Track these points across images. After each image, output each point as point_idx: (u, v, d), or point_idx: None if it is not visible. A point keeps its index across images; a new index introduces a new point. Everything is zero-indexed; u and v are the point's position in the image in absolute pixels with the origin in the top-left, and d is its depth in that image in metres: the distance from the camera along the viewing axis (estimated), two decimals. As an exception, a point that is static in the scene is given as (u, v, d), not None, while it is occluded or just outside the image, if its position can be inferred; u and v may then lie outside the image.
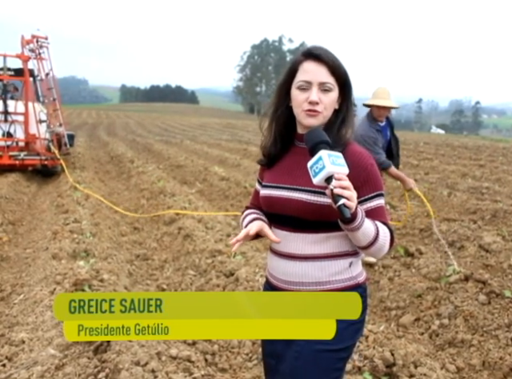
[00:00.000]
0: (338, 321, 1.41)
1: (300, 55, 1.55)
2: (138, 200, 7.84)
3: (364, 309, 1.58)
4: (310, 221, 1.50)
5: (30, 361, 2.92)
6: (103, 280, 3.86)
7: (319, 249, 1.52)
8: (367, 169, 1.51)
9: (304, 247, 1.53)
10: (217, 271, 4.25)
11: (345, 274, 1.55)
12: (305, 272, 1.53)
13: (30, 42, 10.12)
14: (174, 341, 3.19)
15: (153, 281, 4.52)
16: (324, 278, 1.52)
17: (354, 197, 1.34)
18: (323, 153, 1.36)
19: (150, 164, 11.54)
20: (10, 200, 7.64)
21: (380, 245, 1.47)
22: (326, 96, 1.50)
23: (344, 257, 1.55)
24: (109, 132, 26.83)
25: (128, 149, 15.26)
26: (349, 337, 1.54)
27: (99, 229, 5.59)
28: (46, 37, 10.33)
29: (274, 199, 1.57)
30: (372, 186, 1.51)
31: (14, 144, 9.93)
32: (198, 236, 5.12)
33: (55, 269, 4.25)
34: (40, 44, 10.17)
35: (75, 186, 8.15)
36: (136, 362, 2.67)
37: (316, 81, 1.49)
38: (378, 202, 1.53)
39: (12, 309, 3.85)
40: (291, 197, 1.52)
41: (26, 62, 10.12)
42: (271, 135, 1.64)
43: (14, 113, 10.06)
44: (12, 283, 4.45)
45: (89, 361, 2.84)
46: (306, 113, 1.50)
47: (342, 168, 1.36)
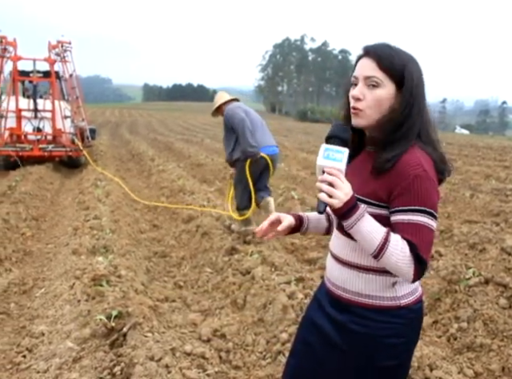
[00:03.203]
0: (388, 337, 1.43)
1: (360, 53, 1.47)
2: (157, 198, 7.91)
3: (415, 330, 1.51)
4: None
5: (49, 353, 2.98)
6: (121, 276, 3.91)
7: (361, 259, 1.45)
8: (408, 179, 1.33)
9: (345, 251, 1.48)
10: (233, 269, 4.26)
11: (387, 293, 1.44)
12: (348, 279, 1.48)
13: (56, 47, 11.27)
14: (189, 338, 3.22)
15: (170, 277, 4.56)
16: (365, 291, 1.45)
17: (335, 194, 1.27)
18: (322, 147, 1.34)
19: (171, 162, 11.63)
20: (33, 196, 7.81)
21: (390, 260, 1.31)
22: (370, 92, 1.38)
23: (384, 274, 1.43)
24: (131, 130, 27.16)
25: (149, 148, 15.41)
26: (401, 353, 1.48)
27: (119, 226, 5.67)
28: (70, 42, 11.43)
29: None
30: (410, 199, 1.33)
31: (43, 138, 11.04)
32: (216, 234, 5.14)
33: (75, 264, 4.33)
34: (64, 48, 11.31)
35: (101, 172, 9.19)
36: (150, 357, 2.70)
37: (361, 75, 1.39)
38: (414, 218, 1.33)
39: (33, 302, 3.93)
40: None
41: (53, 65, 11.24)
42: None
43: (42, 110, 11.13)
44: (34, 277, 4.55)
45: (105, 355, 2.89)
46: (352, 112, 1.42)
47: (335, 163, 1.30)
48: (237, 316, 3.58)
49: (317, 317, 1.58)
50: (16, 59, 10.90)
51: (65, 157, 11.19)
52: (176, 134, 23.46)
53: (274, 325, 3.26)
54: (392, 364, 1.46)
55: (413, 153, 1.36)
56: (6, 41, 10.76)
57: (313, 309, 1.63)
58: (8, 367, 3.01)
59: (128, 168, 12.03)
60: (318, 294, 1.64)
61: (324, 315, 1.55)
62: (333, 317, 1.51)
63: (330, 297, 1.55)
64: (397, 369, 1.49)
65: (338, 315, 1.50)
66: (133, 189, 8.66)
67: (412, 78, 1.38)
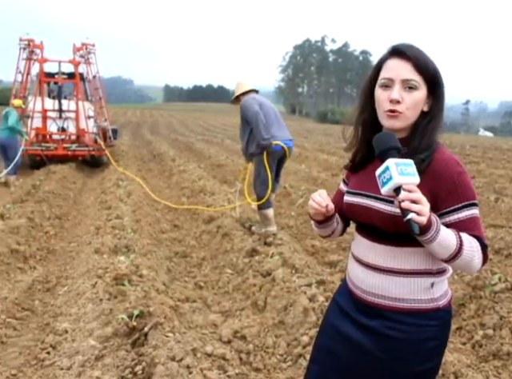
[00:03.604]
0: (426, 340, 1.41)
1: (386, 53, 1.45)
2: (178, 198, 7.96)
3: (449, 331, 1.51)
4: (392, 233, 1.41)
5: (72, 351, 3.02)
6: (142, 275, 3.94)
7: (400, 263, 1.43)
8: (453, 177, 1.37)
9: (385, 259, 1.45)
10: (254, 270, 4.26)
11: (425, 295, 1.43)
12: (383, 285, 1.45)
13: (80, 49, 11.65)
14: (210, 339, 3.23)
15: (191, 278, 4.57)
16: (402, 295, 1.43)
17: (424, 211, 1.23)
18: (390, 162, 1.26)
19: (191, 163, 11.69)
20: (57, 195, 7.95)
21: (465, 259, 1.33)
22: (409, 95, 1.38)
23: (425, 276, 1.43)
24: (152, 131, 27.42)
25: (170, 148, 15.52)
26: (437, 355, 1.48)
27: (140, 226, 5.72)
28: (94, 45, 11.80)
29: (357, 207, 1.50)
30: (460, 196, 1.37)
31: (67, 137, 11.38)
32: (236, 235, 5.15)
33: (97, 263, 4.38)
34: (88, 50, 11.68)
35: (123, 172, 9.33)
36: (172, 357, 2.70)
37: (398, 78, 1.38)
38: (469, 213, 1.38)
39: (57, 299, 3.99)
40: (373, 206, 1.44)
41: (77, 67, 11.58)
42: (358, 140, 1.55)
43: (67, 110, 11.43)
44: (57, 275, 4.62)
45: (127, 354, 2.91)
46: (387, 114, 1.40)
47: (411, 178, 1.24)
48: (257, 317, 3.57)
49: (341, 324, 1.55)
50: (42, 61, 11.23)
51: (88, 156, 11.50)
52: (196, 135, 23.61)
53: (294, 328, 3.24)
54: (428, 367, 1.45)
55: (442, 152, 1.41)
56: (33, 44, 11.12)
57: (335, 317, 1.60)
58: (33, 363, 3.06)
59: (149, 168, 12.15)
60: (340, 301, 1.61)
61: (351, 322, 1.52)
62: (363, 324, 1.49)
63: (359, 304, 1.52)
64: (432, 371, 1.49)
65: (369, 321, 1.47)
66: (154, 189, 8.74)
67: (443, 82, 1.43)
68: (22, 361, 3.11)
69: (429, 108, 1.43)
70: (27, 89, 11.67)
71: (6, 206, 6.53)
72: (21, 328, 3.57)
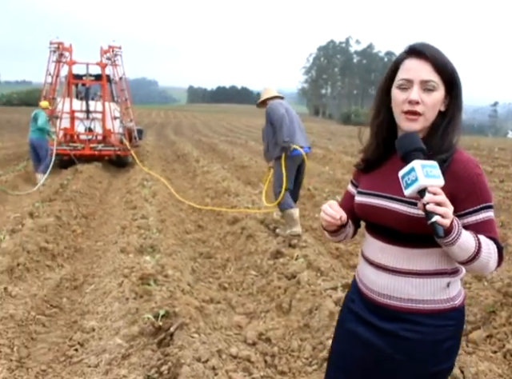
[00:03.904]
0: (444, 341, 1.41)
1: (402, 52, 1.43)
2: (202, 199, 8.00)
3: (462, 332, 1.50)
4: (407, 234, 1.40)
5: (99, 349, 3.06)
6: (168, 275, 3.97)
7: (415, 264, 1.41)
8: (472, 179, 1.37)
9: (399, 261, 1.43)
10: (278, 273, 4.24)
11: (441, 295, 1.42)
12: (398, 287, 1.43)
13: (107, 52, 11.91)
14: (235, 340, 3.22)
15: (215, 279, 4.58)
16: (418, 296, 1.42)
17: (448, 214, 1.22)
18: (416, 164, 1.25)
19: (215, 164, 11.75)
20: (83, 194, 8.08)
21: (482, 262, 1.33)
22: (428, 96, 1.36)
23: (441, 276, 1.42)
24: (176, 131, 27.66)
25: (194, 149, 15.63)
26: (453, 355, 1.48)
27: (165, 226, 5.76)
28: (120, 47, 12.07)
29: (370, 207, 1.48)
30: (478, 198, 1.37)
31: (94, 137, 11.62)
32: (261, 237, 5.14)
33: (123, 262, 4.43)
34: (115, 52, 11.96)
35: (148, 172, 9.54)
36: (197, 358, 2.71)
37: (417, 79, 1.36)
38: (486, 215, 1.38)
39: (84, 297, 4.05)
40: (388, 207, 1.42)
41: (104, 69, 11.80)
42: (373, 140, 1.54)
43: (94, 111, 11.68)
44: (84, 273, 4.69)
45: (153, 353, 2.93)
46: (406, 116, 1.39)
47: (436, 180, 1.24)
48: (282, 320, 3.55)
49: (358, 329, 1.53)
50: (71, 63, 11.54)
51: (113, 156, 11.75)
52: (220, 136, 23.72)
53: (320, 331, 3.21)
54: (446, 367, 1.46)
55: (460, 153, 1.41)
56: (62, 47, 11.44)
57: (350, 322, 1.58)
58: (61, 359, 3.11)
59: (173, 168, 12.25)
60: (352, 306, 1.59)
61: (367, 327, 1.51)
62: (379, 327, 1.47)
63: (374, 307, 1.50)
64: (447, 371, 1.49)
65: (385, 324, 1.45)
66: (178, 189, 8.81)
67: (460, 81, 1.42)
68: (50, 357, 3.16)
69: (445, 108, 1.42)
70: (56, 90, 11.95)
71: (35, 205, 6.66)
72: (49, 324, 3.64)
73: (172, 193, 8.12)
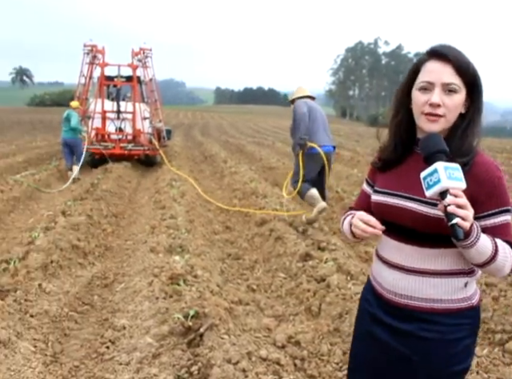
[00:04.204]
0: (461, 339, 1.42)
1: (424, 54, 1.44)
2: (230, 199, 8.02)
3: (477, 332, 1.49)
4: (426, 234, 1.40)
5: (130, 347, 3.09)
6: (197, 276, 3.99)
7: (433, 264, 1.42)
8: (494, 182, 1.37)
9: (417, 261, 1.43)
10: (307, 275, 4.21)
11: (459, 294, 1.43)
12: (416, 287, 1.44)
13: (138, 54, 12.14)
14: (264, 343, 3.21)
15: (243, 280, 4.58)
16: (436, 296, 1.42)
17: (469, 217, 1.23)
18: (439, 166, 1.26)
19: (242, 165, 11.76)
20: (113, 194, 8.20)
21: (498, 265, 1.34)
22: (449, 98, 1.37)
23: (459, 276, 1.43)
24: (203, 132, 27.85)
25: (221, 150, 15.70)
26: (470, 354, 1.48)
27: (193, 226, 5.80)
28: (150, 49, 12.28)
29: (388, 207, 1.49)
30: (498, 201, 1.38)
31: (124, 137, 11.92)
32: (290, 239, 5.11)
33: (153, 261, 4.48)
34: (145, 54, 12.18)
35: (176, 173, 9.73)
36: (228, 360, 2.71)
37: (439, 81, 1.37)
38: (504, 219, 1.39)
39: (114, 296, 4.11)
40: (407, 206, 1.42)
41: (135, 70, 12.06)
42: (391, 140, 1.55)
43: (124, 112, 11.94)
44: (115, 272, 4.76)
45: (183, 353, 2.94)
46: (426, 118, 1.39)
47: (458, 183, 1.25)
48: (311, 324, 3.52)
49: (376, 331, 1.53)
50: (103, 65, 11.83)
51: (142, 155, 11.99)
52: (247, 137, 23.76)
53: (350, 336, 3.16)
54: (464, 366, 1.45)
55: (481, 155, 1.41)
56: (96, 49, 11.74)
57: (368, 324, 1.58)
58: (93, 356, 3.16)
59: (201, 169, 12.33)
60: (369, 308, 1.59)
61: (383, 327, 1.51)
62: (396, 328, 1.47)
63: (388, 306, 1.50)
64: (465, 371, 1.48)
65: (403, 325, 1.46)
66: (206, 190, 8.86)
67: (481, 83, 1.42)
68: (83, 353, 3.22)
69: (466, 110, 1.42)
70: (89, 91, 12.23)
71: (68, 203, 6.80)
72: (81, 321, 3.70)
73: (200, 194, 8.18)
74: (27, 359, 2.91)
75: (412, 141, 1.51)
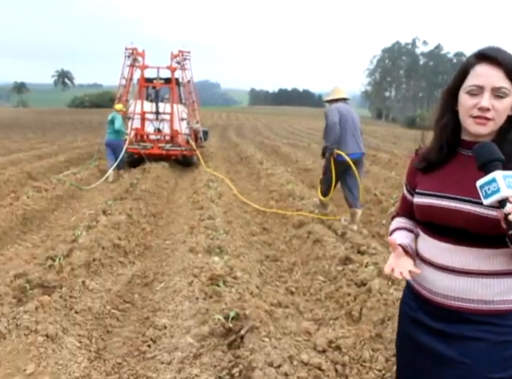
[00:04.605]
0: (507, 348, 1.38)
1: (472, 57, 1.41)
2: (266, 201, 8.01)
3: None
4: (479, 235, 1.38)
5: (171, 346, 3.12)
6: (236, 277, 3.99)
7: (486, 264, 1.39)
8: None
9: (469, 262, 1.40)
10: (347, 279, 4.15)
11: (511, 295, 1.40)
12: (467, 288, 1.41)
13: (177, 56, 12.36)
14: (305, 347, 3.18)
15: (282, 282, 4.56)
16: (488, 297, 1.39)
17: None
18: (498, 175, 1.25)
19: (279, 166, 11.74)
20: (152, 194, 8.34)
21: None
22: (499, 102, 1.35)
23: (511, 276, 1.40)
24: (238, 133, 28.00)
25: (257, 151, 15.72)
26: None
27: (232, 227, 5.81)
28: (189, 51, 12.50)
29: (434, 209, 1.46)
30: None
31: (162, 137, 12.14)
32: (329, 242, 5.05)
33: (192, 262, 4.51)
34: (184, 57, 12.39)
35: (212, 174, 9.87)
36: (269, 363, 2.69)
37: (489, 85, 1.35)
38: None
39: (155, 295, 4.16)
40: (458, 208, 1.40)
41: (174, 72, 12.24)
42: (436, 141, 1.53)
43: (163, 113, 12.13)
44: (154, 271, 4.83)
45: (223, 355, 2.95)
46: (475, 120, 1.38)
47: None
48: (352, 328, 3.47)
49: (420, 336, 1.51)
50: (143, 68, 12.11)
51: (179, 155, 12.21)
52: (281, 138, 23.73)
53: (393, 343, 3.08)
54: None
55: None
56: (136, 52, 12.05)
57: (411, 330, 1.55)
58: (135, 354, 3.21)
59: (237, 170, 12.39)
60: (409, 311, 1.57)
61: (426, 331, 1.49)
62: (444, 331, 1.44)
63: (437, 310, 1.47)
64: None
65: (453, 328, 1.43)
66: (242, 191, 8.89)
67: None
68: (125, 350, 3.27)
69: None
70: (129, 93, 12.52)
71: (108, 203, 6.96)
72: (123, 319, 3.77)
73: (236, 195, 8.21)
74: (73, 354, 2.98)
75: (456, 142, 1.50)
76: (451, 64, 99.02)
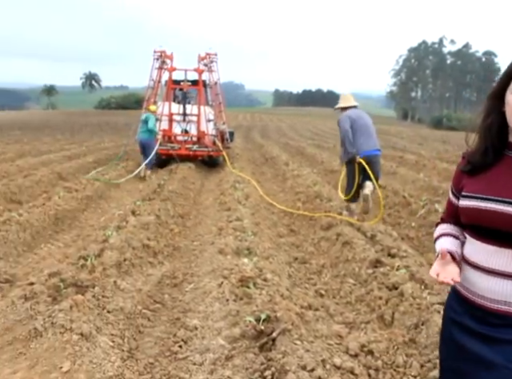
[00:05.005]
0: None
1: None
2: (293, 202, 7.97)
3: None
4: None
5: (203, 348, 3.13)
6: (267, 279, 3.98)
7: None
8: None
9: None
10: (378, 283, 4.09)
11: None
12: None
13: (204, 58, 12.50)
14: (336, 350, 3.15)
15: (311, 285, 4.53)
16: None
17: None
18: None
19: (305, 167, 11.69)
20: (179, 195, 8.40)
21: None
22: None
23: None
24: (262, 134, 28.01)
25: (282, 152, 15.70)
26: None
27: (260, 229, 5.81)
28: (216, 54, 12.63)
29: (481, 212, 1.44)
30: None
31: (189, 139, 12.34)
32: (358, 244, 4.99)
33: (221, 263, 4.52)
34: (211, 59, 12.53)
35: (238, 175, 9.98)
36: (303, 366, 2.67)
37: None
38: None
39: (184, 296, 4.18)
40: (504, 210, 1.38)
41: (201, 74, 12.42)
42: (481, 143, 1.51)
43: (190, 114, 12.33)
44: (183, 272, 4.85)
45: (255, 357, 2.94)
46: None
47: None
48: (385, 333, 3.41)
49: (464, 340, 1.48)
50: (172, 70, 12.34)
51: (206, 156, 12.39)
52: (306, 139, 23.63)
53: (428, 349, 3.04)
54: None
55: None
56: (165, 54, 12.24)
57: (456, 334, 1.53)
58: (167, 354, 3.22)
59: (262, 171, 12.39)
60: (455, 316, 1.54)
61: (474, 336, 1.46)
62: (490, 336, 1.41)
63: (485, 315, 1.44)
64: None
65: (498, 332, 1.40)
66: (268, 192, 8.88)
67: None
68: (157, 350, 3.29)
69: None
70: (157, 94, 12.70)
71: (137, 203, 7.04)
72: (154, 319, 3.79)
73: (263, 196, 8.20)
74: (106, 353, 3.01)
75: (503, 144, 1.47)
76: (480, 63, 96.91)
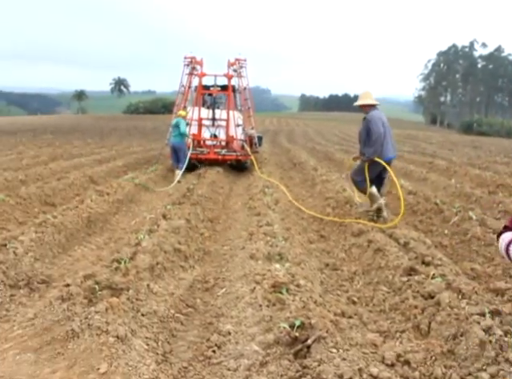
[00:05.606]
0: None
1: None
2: (323, 208, 7.91)
3: None
4: None
5: (237, 353, 3.12)
6: (299, 285, 3.94)
7: None
8: None
9: None
10: (413, 291, 4.01)
11: None
12: None
13: (234, 64, 12.63)
14: (372, 359, 3.09)
15: (343, 292, 4.47)
16: None
17: None
18: None
19: (333, 173, 11.60)
20: (208, 199, 8.45)
21: None
22: None
23: None
24: (289, 139, 27.96)
25: (309, 157, 15.62)
26: None
27: (290, 234, 5.78)
28: (245, 59, 12.74)
29: None
30: None
31: (218, 143, 12.49)
32: (391, 251, 4.91)
33: (253, 268, 4.50)
34: (240, 65, 12.67)
35: (267, 179, 10.08)
36: (339, 375, 2.64)
37: None
38: None
39: (216, 300, 4.19)
40: None
41: (230, 80, 12.56)
42: None
43: (219, 119, 12.49)
44: (214, 276, 4.86)
45: (290, 364, 2.91)
46: None
47: None
48: (421, 343, 3.33)
49: None
50: (201, 76, 12.49)
51: (234, 160, 12.48)
52: (333, 144, 23.47)
53: (468, 361, 2.95)
54: None
55: None
56: (195, 60, 12.42)
57: None
58: (200, 359, 3.23)
59: (290, 176, 12.36)
60: None
61: None
62: None
63: None
64: None
65: None
66: (297, 198, 8.84)
67: None
68: (190, 355, 3.30)
69: None
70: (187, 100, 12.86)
71: (167, 207, 7.10)
72: (187, 323, 3.81)
73: (292, 201, 8.16)
74: (142, 356, 3.04)
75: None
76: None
